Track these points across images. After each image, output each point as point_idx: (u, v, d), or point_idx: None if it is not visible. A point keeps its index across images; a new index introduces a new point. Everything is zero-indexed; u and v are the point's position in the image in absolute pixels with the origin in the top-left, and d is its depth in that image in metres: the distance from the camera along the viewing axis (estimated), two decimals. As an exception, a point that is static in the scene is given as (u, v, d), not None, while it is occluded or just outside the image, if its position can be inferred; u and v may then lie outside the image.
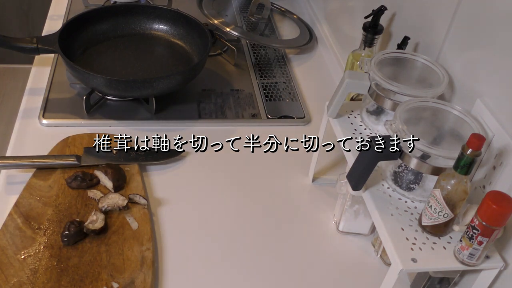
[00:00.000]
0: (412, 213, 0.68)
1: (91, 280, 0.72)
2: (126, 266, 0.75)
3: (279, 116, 1.09)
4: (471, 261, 0.62)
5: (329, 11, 1.37)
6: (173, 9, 1.22)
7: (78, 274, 0.73)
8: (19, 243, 0.76)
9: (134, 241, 0.78)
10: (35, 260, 0.74)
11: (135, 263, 0.75)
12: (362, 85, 0.78)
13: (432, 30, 0.84)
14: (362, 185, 0.70)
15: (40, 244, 0.76)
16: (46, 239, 0.77)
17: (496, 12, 0.69)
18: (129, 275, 0.73)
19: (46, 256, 0.75)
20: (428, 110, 0.71)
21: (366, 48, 0.96)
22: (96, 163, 0.89)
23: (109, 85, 0.99)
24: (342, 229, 0.86)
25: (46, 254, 0.75)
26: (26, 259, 0.74)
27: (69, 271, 0.73)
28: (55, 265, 0.74)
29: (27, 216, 0.80)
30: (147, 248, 0.77)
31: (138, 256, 0.76)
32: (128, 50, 1.16)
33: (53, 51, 1.03)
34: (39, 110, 1.03)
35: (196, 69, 1.07)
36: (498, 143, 0.67)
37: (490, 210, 0.57)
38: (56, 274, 0.72)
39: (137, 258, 0.76)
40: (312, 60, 1.32)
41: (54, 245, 0.76)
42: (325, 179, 0.96)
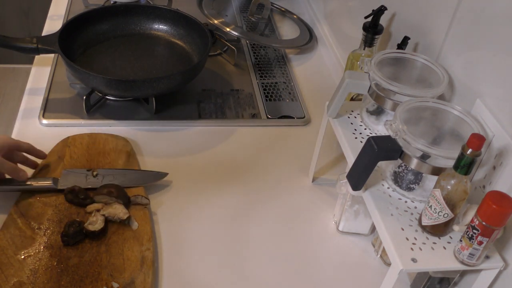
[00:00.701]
0: (412, 213, 0.68)
1: (91, 280, 0.72)
2: (126, 266, 0.74)
3: (279, 116, 1.09)
4: (471, 261, 0.62)
5: (329, 11, 1.37)
6: (173, 9, 1.22)
7: (78, 274, 0.73)
8: (19, 243, 0.76)
9: (134, 241, 0.78)
10: (35, 260, 0.74)
11: (135, 263, 0.75)
12: (362, 85, 0.78)
13: (432, 30, 0.84)
14: (362, 185, 0.70)
15: (40, 244, 0.76)
16: (46, 239, 0.77)
17: (496, 12, 0.69)
18: (129, 275, 0.73)
19: (46, 256, 0.75)
20: (428, 110, 0.71)
21: (366, 48, 0.96)
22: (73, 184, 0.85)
23: (109, 85, 0.99)
24: (342, 229, 0.86)
25: (46, 254, 0.75)
26: (26, 259, 0.74)
27: (69, 271, 0.73)
28: (55, 265, 0.74)
29: (27, 216, 0.80)
30: (147, 248, 0.77)
31: (138, 256, 0.76)
32: (128, 50, 1.16)
33: (53, 51, 1.03)
34: (39, 110, 1.03)
35: (196, 69, 1.07)
36: (498, 143, 0.67)
37: (490, 210, 0.57)
38: (56, 274, 0.72)
39: (137, 258, 0.76)
40: (312, 60, 1.32)
41: (54, 245, 0.76)
42: (325, 179, 0.96)
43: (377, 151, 0.65)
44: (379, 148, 0.65)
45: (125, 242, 0.78)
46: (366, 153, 0.67)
